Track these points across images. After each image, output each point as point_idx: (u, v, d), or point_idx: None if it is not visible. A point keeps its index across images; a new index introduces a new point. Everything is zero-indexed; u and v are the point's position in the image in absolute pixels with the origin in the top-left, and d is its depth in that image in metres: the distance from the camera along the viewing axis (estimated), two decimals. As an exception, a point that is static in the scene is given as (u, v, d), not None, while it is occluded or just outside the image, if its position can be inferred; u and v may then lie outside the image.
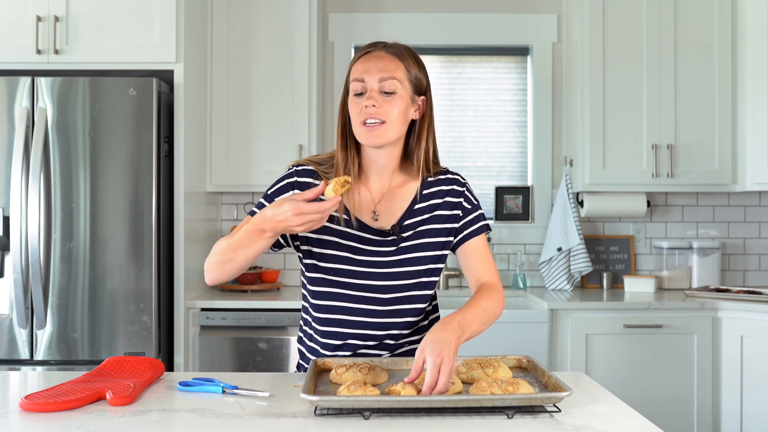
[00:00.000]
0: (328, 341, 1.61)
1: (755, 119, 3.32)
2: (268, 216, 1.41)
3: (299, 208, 1.37)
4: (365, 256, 1.58)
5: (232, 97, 3.40)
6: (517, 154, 3.84)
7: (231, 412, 1.29)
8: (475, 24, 3.74)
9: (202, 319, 3.04)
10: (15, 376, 1.62)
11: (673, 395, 3.09)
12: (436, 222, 1.63)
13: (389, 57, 1.57)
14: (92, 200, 2.83)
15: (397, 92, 1.55)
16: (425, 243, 1.61)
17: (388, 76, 1.54)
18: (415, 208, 1.62)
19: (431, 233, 1.62)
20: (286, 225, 1.39)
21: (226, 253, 1.50)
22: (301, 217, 1.37)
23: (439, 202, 1.64)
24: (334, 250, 1.59)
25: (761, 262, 3.77)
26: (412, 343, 1.65)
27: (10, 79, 2.83)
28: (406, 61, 1.58)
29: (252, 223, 1.46)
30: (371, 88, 1.54)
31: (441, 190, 1.65)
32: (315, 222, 1.40)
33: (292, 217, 1.37)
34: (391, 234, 1.59)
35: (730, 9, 3.42)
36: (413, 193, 1.63)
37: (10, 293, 2.81)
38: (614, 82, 3.42)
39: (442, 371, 1.29)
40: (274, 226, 1.41)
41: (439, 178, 1.66)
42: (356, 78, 1.56)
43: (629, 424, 1.24)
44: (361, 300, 1.58)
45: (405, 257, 1.59)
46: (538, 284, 3.73)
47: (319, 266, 1.61)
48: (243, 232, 1.48)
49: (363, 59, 1.58)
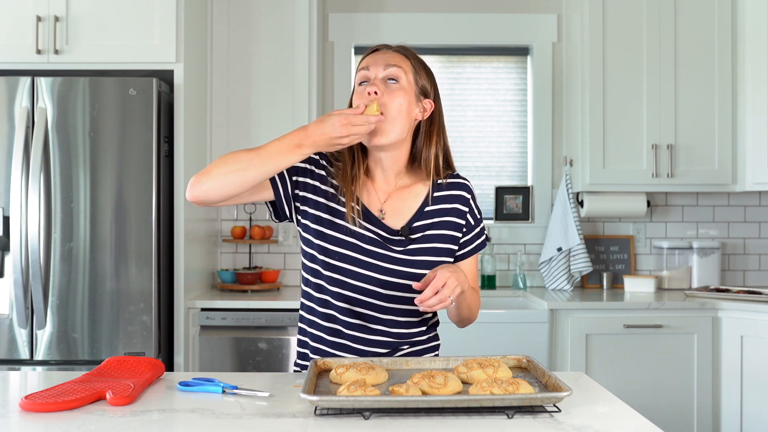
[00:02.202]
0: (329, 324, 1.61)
1: (755, 119, 3.32)
2: (310, 131, 1.44)
3: (348, 119, 1.43)
4: (373, 246, 1.58)
5: (232, 97, 3.40)
6: (517, 154, 3.84)
7: (231, 412, 1.29)
8: (475, 24, 3.74)
9: (202, 319, 3.04)
10: (15, 376, 1.62)
11: (673, 395, 3.09)
12: (444, 228, 1.63)
13: (395, 53, 1.61)
14: (92, 200, 2.83)
15: (400, 81, 1.56)
16: (432, 248, 1.61)
17: (392, 64, 1.57)
18: (425, 210, 1.63)
19: (439, 238, 1.62)
20: (331, 137, 1.43)
21: (242, 161, 1.44)
22: (348, 128, 1.42)
23: (449, 207, 1.64)
24: (344, 234, 1.58)
25: (761, 262, 3.77)
26: (413, 344, 1.65)
27: (10, 79, 2.83)
28: (412, 59, 1.62)
29: (289, 136, 1.46)
30: (375, 75, 1.57)
31: (451, 194, 1.66)
32: (359, 136, 1.46)
33: (339, 127, 1.42)
34: (400, 234, 1.60)
35: (730, 9, 3.42)
36: (422, 196, 1.64)
37: (10, 293, 2.81)
38: (614, 82, 3.42)
39: (447, 285, 1.39)
40: (316, 140, 1.44)
41: (449, 182, 1.66)
42: (362, 68, 1.59)
43: (629, 424, 1.24)
44: (364, 279, 1.58)
45: (411, 258, 1.59)
46: (538, 284, 3.73)
47: (326, 248, 1.59)
48: (274, 143, 1.46)
49: (371, 55, 1.62)
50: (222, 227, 3.71)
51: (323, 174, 1.62)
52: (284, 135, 1.48)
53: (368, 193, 1.63)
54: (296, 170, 1.61)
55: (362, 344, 1.61)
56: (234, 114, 3.40)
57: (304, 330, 1.68)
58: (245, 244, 3.69)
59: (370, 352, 1.61)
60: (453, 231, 1.64)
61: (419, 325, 1.65)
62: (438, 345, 1.72)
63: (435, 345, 1.71)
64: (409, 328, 1.63)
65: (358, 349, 1.60)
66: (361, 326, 1.60)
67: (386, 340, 1.62)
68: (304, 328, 1.68)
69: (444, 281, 1.40)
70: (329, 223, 1.59)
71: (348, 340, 1.61)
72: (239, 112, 3.39)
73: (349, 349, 1.61)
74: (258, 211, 3.69)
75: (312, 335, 1.65)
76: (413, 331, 1.64)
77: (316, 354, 1.63)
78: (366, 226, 1.59)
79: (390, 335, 1.61)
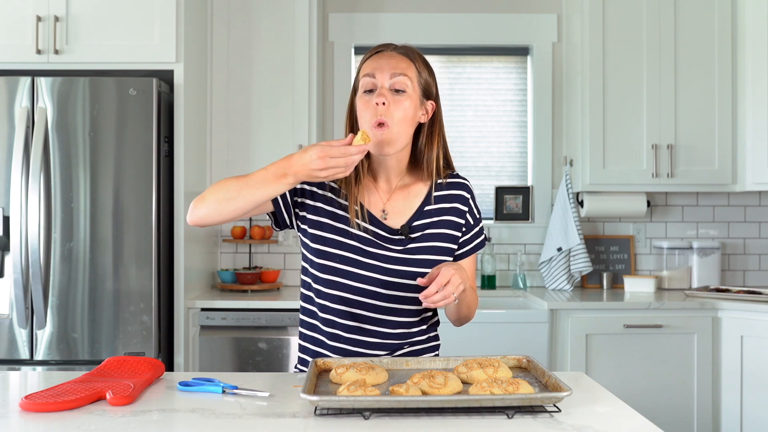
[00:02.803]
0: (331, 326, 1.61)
1: (755, 119, 3.32)
2: (293, 160, 1.43)
3: (325, 152, 1.39)
4: (373, 248, 1.59)
5: (232, 97, 3.40)
6: (517, 154, 3.84)
7: (231, 412, 1.29)
8: (475, 24, 3.74)
9: (202, 319, 3.04)
10: (15, 376, 1.62)
11: (673, 395, 3.09)
12: (444, 227, 1.64)
13: (400, 56, 1.59)
14: (92, 200, 2.83)
15: (407, 91, 1.56)
16: (432, 246, 1.62)
17: (399, 72, 1.55)
18: (425, 209, 1.64)
19: (439, 237, 1.63)
20: (310, 169, 1.41)
21: (232, 189, 1.48)
22: (326, 161, 1.39)
23: (448, 207, 1.65)
24: (345, 237, 1.59)
25: (761, 262, 3.77)
26: (412, 344, 1.65)
27: (10, 79, 2.83)
28: (417, 62, 1.60)
29: (274, 166, 1.45)
30: (382, 85, 1.55)
31: (451, 194, 1.66)
32: (339, 170, 1.41)
33: (317, 160, 1.39)
34: (400, 233, 1.60)
35: (730, 10, 3.41)
36: (422, 195, 1.65)
37: (10, 293, 2.81)
38: (614, 82, 3.42)
39: (451, 282, 1.40)
40: (298, 170, 1.42)
41: (449, 182, 1.67)
42: (367, 74, 1.56)
43: (629, 424, 1.24)
44: (365, 280, 1.58)
45: (411, 257, 1.60)
46: (538, 284, 3.73)
47: (326, 252, 1.59)
48: (261, 172, 1.47)
49: (374, 57, 1.59)
50: (222, 227, 3.71)
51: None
52: (271, 164, 1.49)
53: (370, 194, 1.64)
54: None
55: (362, 347, 1.61)
56: (234, 114, 3.40)
57: (305, 335, 1.68)
58: (245, 244, 3.69)
59: (371, 354, 1.61)
60: (453, 230, 1.65)
61: (419, 324, 1.65)
62: (438, 345, 1.72)
63: (435, 345, 1.71)
64: (410, 328, 1.64)
65: (359, 352, 1.61)
66: (361, 329, 1.61)
67: (386, 342, 1.62)
68: (305, 333, 1.68)
69: (448, 278, 1.41)
70: (330, 227, 1.60)
71: (347, 344, 1.61)
72: (239, 112, 3.39)
73: (349, 353, 1.61)
74: (258, 211, 3.69)
75: (313, 339, 1.66)
76: (413, 331, 1.64)
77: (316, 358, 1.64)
78: (367, 228, 1.59)
79: (390, 336, 1.62)
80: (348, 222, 1.59)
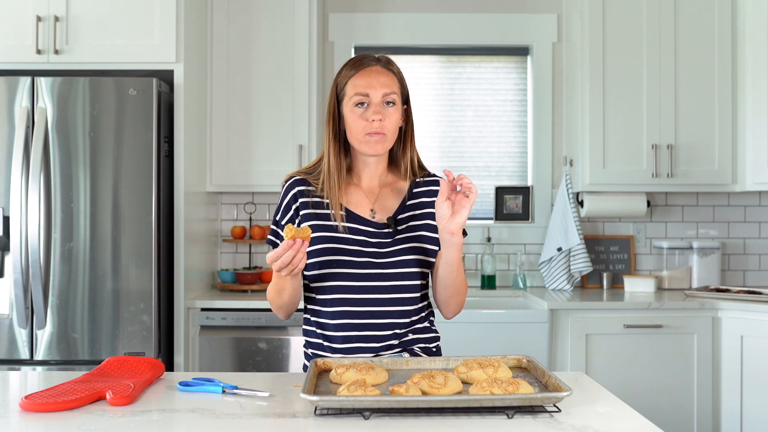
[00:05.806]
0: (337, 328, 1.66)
1: (755, 119, 3.32)
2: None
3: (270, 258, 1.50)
4: (365, 247, 1.67)
5: (232, 97, 3.40)
6: (517, 154, 3.84)
7: (231, 412, 1.29)
8: (475, 24, 3.74)
9: (202, 319, 3.04)
10: (15, 376, 1.62)
11: (673, 395, 3.09)
12: (426, 219, 1.73)
13: (387, 72, 1.70)
14: (92, 200, 2.83)
15: (396, 103, 1.69)
16: (419, 235, 1.71)
17: (390, 91, 1.67)
18: (407, 204, 1.73)
19: (423, 228, 1.72)
20: (275, 272, 1.54)
21: (275, 300, 1.68)
22: (276, 263, 1.49)
23: (428, 201, 1.75)
24: (333, 243, 1.67)
25: (761, 262, 3.77)
26: (415, 332, 1.70)
27: (10, 79, 2.83)
28: (398, 74, 1.72)
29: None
30: (376, 102, 1.65)
31: (430, 190, 1.77)
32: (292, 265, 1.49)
33: (272, 264, 1.50)
34: (387, 226, 1.69)
35: (730, 9, 3.41)
36: (404, 192, 1.76)
37: (10, 293, 2.81)
38: (614, 82, 3.42)
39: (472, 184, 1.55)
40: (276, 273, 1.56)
41: (427, 180, 1.78)
42: (360, 93, 1.66)
43: (629, 424, 1.24)
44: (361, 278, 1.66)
45: (400, 247, 1.68)
46: (538, 284, 3.73)
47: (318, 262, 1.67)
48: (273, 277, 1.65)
49: (363, 74, 1.67)
50: (222, 227, 3.71)
51: (306, 200, 1.70)
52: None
53: (357, 196, 1.73)
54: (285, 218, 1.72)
55: (369, 340, 1.65)
56: (234, 114, 3.39)
57: (309, 342, 1.74)
58: (245, 244, 3.69)
59: (381, 345, 1.65)
60: (435, 221, 1.72)
61: (419, 312, 1.71)
62: (438, 336, 1.78)
63: (435, 336, 1.76)
64: (410, 317, 1.69)
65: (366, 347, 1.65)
66: (364, 325, 1.66)
67: (392, 332, 1.66)
68: (309, 341, 1.74)
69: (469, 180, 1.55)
70: (319, 238, 1.67)
71: (355, 341, 1.66)
72: (239, 112, 3.39)
73: (355, 348, 1.65)
74: (258, 211, 3.69)
75: (316, 345, 1.71)
76: (414, 319, 1.70)
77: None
78: (355, 228, 1.68)
79: (395, 327, 1.66)
80: (336, 228, 1.67)
